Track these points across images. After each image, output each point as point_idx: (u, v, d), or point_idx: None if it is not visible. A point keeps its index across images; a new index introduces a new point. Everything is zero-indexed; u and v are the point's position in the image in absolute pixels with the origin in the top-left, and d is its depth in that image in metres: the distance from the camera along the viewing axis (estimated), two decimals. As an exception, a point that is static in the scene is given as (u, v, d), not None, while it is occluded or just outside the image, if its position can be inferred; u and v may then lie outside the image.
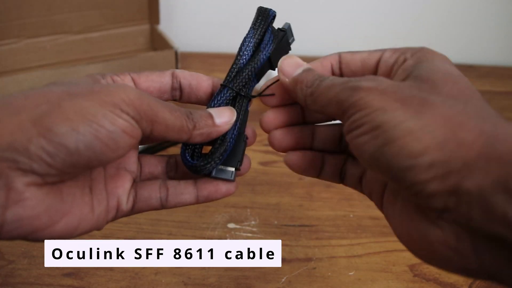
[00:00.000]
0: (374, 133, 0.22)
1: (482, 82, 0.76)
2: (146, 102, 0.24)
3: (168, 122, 0.25)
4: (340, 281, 0.39)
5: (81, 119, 0.22)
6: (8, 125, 0.21)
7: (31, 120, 0.22)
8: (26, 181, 0.21)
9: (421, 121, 0.21)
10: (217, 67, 0.75)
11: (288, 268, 0.40)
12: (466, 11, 0.80)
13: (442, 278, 0.40)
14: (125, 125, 0.23)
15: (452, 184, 0.20)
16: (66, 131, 0.22)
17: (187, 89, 0.30)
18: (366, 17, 0.79)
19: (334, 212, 0.47)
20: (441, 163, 0.20)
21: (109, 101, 0.23)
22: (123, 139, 0.23)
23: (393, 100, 0.22)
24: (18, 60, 0.68)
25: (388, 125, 0.21)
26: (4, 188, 0.21)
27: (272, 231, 0.44)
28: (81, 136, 0.22)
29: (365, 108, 0.23)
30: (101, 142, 0.22)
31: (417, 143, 0.21)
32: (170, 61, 0.67)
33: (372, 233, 0.45)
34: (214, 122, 0.28)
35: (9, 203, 0.21)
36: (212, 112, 0.28)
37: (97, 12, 0.70)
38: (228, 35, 0.83)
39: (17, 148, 0.21)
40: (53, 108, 0.22)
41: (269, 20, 0.31)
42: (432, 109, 0.21)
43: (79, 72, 0.62)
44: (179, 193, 0.29)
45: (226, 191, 0.29)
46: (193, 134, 0.27)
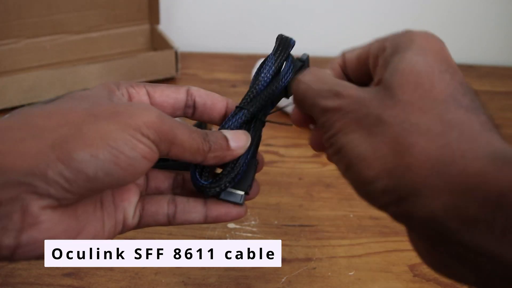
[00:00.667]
0: (338, 156, 0.23)
1: (482, 82, 0.76)
2: (167, 124, 0.24)
3: (185, 144, 0.25)
4: (340, 281, 0.39)
5: (101, 145, 0.22)
6: (30, 148, 0.21)
7: (52, 144, 0.21)
8: (42, 204, 0.21)
9: (372, 145, 0.21)
10: (217, 67, 0.75)
11: (288, 268, 0.40)
12: (466, 11, 0.80)
13: (442, 278, 0.40)
14: (145, 150, 0.23)
15: (405, 210, 0.20)
16: (85, 157, 0.21)
17: (201, 108, 0.30)
18: (366, 17, 0.79)
19: (334, 212, 0.47)
20: (391, 190, 0.20)
21: (131, 124, 0.23)
22: (142, 164, 0.23)
23: (351, 121, 0.22)
24: (18, 60, 0.67)
25: (346, 148, 0.22)
26: (20, 211, 0.21)
27: (272, 231, 0.44)
28: (101, 162, 0.22)
29: (330, 129, 0.23)
30: (120, 168, 0.22)
31: (368, 170, 0.21)
32: (170, 61, 0.67)
33: (372, 233, 0.44)
34: (229, 146, 0.27)
35: (24, 226, 0.21)
36: (228, 135, 0.28)
37: (97, 12, 0.70)
38: (228, 35, 0.83)
39: (35, 173, 0.21)
40: (74, 132, 0.22)
41: (290, 49, 0.31)
42: (384, 128, 0.21)
43: (79, 72, 0.62)
44: (187, 211, 0.29)
45: (236, 215, 0.29)
46: (207, 157, 0.26)
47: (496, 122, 0.21)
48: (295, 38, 0.32)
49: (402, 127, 0.20)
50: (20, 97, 0.59)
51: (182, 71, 0.71)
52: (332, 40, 0.82)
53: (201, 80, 0.71)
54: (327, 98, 0.24)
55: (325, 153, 0.25)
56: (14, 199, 0.21)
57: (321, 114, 0.24)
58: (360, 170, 0.21)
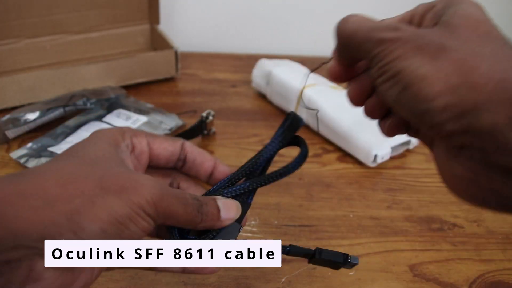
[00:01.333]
0: (394, 80, 0.24)
1: (482, 82, 0.76)
2: (166, 202, 0.26)
3: (180, 219, 0.27)
4: (340, 281, 0.39)
5: (110, 220, 0.24)
6: (42, 215, 0.23)
7: (65, 214, 0.23)
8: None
9: (436, 66, 0.22)
10: (217, 67, 0.75)
11: (288, 268, 0.40)
12: (466, 11, 0.80)
13: (442, 278, 0.40)
14: (145, 226, 0.26)
15: (466, 124, 0.22)
16: (95, 231, 0.24)
17: (190, 164, 0.32)
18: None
19: (334, 212, 0.47)
20: (454, 106, 0.22)
21: (136, 202, 0.25)
22: (140, 236, 0.26)
23: (411, 48, 0.23)
24: (18, 60, 0.68)
25: (406, 71, 0.23)
26: (27, 269, 0.23)
27: (272, 231, 0.44)
28: (108, 235, 0.24)
29: (386, 57, 0.24)
30: (121, 238, 0.25)
31: (431, 87, 0.22)
32: (170, 61, 0.67)
33: (372, 233, 0.45)
34: (219, 216, 0.29)
35: (28, 281, 0.23)
36: (221, 205, 0.29)
37: (97, 12, 0.70)
38: (228, 35, 0.83)
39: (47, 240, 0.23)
40: (87, 204, 0.24)
41: (298, 129, 0.34)
42: (447, 54, 0.23)
43: (79, 72, 0.62)
44: None
45: (210, 271, 0.32)
46: (198, 226, 0.29)
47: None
48: (295, 38, 0.32)
49: (466, 52, 0.22)
50: (20, 97, 0.59)
51: (182, 71, 0.71)
52: (332, 40, 0.82)
53: (201, 80, 0.71)
54: (385, 31, 0.25)
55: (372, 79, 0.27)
56: (23, 258, 0.23)
57: (376, 45, 0.25)
58: (421, 88, 0.22)
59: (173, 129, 0.58)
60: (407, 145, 0.56)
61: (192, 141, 0.56)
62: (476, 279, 0.40)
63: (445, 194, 0.50)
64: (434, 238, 0.44)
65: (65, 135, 0.54)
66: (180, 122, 0.59)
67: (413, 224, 0.46)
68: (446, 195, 0.50)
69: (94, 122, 0.56)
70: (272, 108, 0.65)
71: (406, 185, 0.51)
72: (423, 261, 0.42)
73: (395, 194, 0.50)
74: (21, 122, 0.54)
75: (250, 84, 0.68)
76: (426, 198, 0.49)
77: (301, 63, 0.68)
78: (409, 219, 0.46)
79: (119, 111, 0.58)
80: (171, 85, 0.69)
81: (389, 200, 0.49)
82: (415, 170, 0.54)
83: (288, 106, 0.61)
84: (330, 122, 0.56)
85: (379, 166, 0.54)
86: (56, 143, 0.53)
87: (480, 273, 0.41)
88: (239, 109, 0.64)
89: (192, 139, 0.56)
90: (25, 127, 0.55)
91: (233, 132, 0.59)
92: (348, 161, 0.55)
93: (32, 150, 0.52)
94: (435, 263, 0.42)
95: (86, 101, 0.58)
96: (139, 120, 0.57)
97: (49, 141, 0.53)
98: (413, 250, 0.43)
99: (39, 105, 0.56)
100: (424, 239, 0.44)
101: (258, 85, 0.66)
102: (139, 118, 0.57)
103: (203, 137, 0.57)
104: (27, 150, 0.52)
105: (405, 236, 0.44)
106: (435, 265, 0.41)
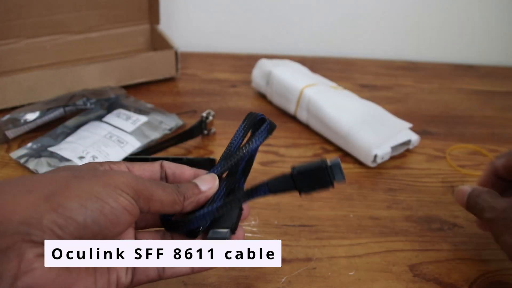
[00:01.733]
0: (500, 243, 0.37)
1: (482, 82, 0.76)
2: (142, 183, 0.28)
3: (162, 199, 0.29)
4: (340, 281, 0.39)
5: (88, 197, 0.25)
6: (22, 202, 0.24)
7: (44, 197, 0.25)
8: (36, 252, 0.23)
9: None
10: (217, 67, 0.75)
11: (288, 268, 0.40)
12: (466, 11, 0.80)
13: (442, 278, 0.40)
14: (125, 203, 0.26)
15: None
16: (75, 206, 0.25)
17: (171, 177, 0.34)
18: (366, 17, 0.79)
19: (334, 212, 0.47)
20: None
21: (111, 183, 0.26)
22: (124, 216, 0.26)
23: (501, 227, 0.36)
24: (18, 60, 0.68)
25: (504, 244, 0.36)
26: (17, 259, 0.23)
27: (272, 231, 0.44)
28: (89, 211, 0.25)
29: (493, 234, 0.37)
30: (105, 218, 0.25)
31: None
32: (170, 61, 0.67)
33: (372, 233, 0.45)
34: (200, 190, 0.31)
35: (20, 273, 0.23)
36: (197, 181, 0.32)
37: (97, 12, 0.70)
38: (228, 35, 0.83)
39: (31, 222, 0.23)
40: (62, 187, 0.25)
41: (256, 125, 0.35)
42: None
43: (79, 72, 0.62)
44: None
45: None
46: (184, 205, 0.30)
47: (496, 122, 0.22)
48: (295, 38, 0.32)
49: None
50: (20, 97, 0.59)
51: (182, 71, 0.71)
52: (332, 40, 0.82)
53: (201, 80, 0.71)
54: (486, 211, 0.37)
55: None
56: (11, 247, 0.23)
57: (483, 224, 0.41)
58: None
59: (173, 129, 0.58)
60: (407, 145, 0.56)
61: (192, 141, 0.56)
62: (476, 279, 0.40)
63: (445, 194, 0.50)
64: (434, 238, 0.44)
65: (65, 135, 0.54)
66: (180, 122, 0.59)
67: (413, 224, 0.46)
68: (446, 195, 0.50)
69: (94, 122, 0.56)
70: (272, 108, 0.65)
71: (406, 185, 0.51)
72: (423, 261, 0.42)
73: (395, 194, 0.50)
74: (21, 122, 0.54)
75: (250, 84, 0.68)
76: (426, 198, 0.50)
77: (301, 63, 0.68)
78: (409, 219, 0.46)
79: (119, 111, 0.58)
80: (171, 85, 0.69)
81: (389, 200, 0.49)
82: (415, 170, 0.54)
83: (288, 106, 0.61)
84: (330, 122, 0.56)
85: (379, 166, 0.54)
86: (56, 143, 0.53)
87: (480, 273, 0.41)
88: (239, 109, 0.64)
89: (192, 139, 0.56)
90: (25, 127, 0.55)
91: (233, 132, 0.59)
92: (348, 161, 0.55)
93: (32, 150, 0.52)
94: (435, 263, 0.42)
95: (86, 101, 0.58)
96: (139, 120, 0.57)
97: (49, 141, 0.53)
98: (413, 250, 0.43)
99: (39, 105, 0.56)
100: (424, 239, 0.44)
101: (258, 85, 0.66)
102: (139, 118, 0.57)
103: (203, 137, 0.57)
104: (27, 150, 0.52)
105: (405, 236, 0.44)
106: (435, 265, 0.41)
